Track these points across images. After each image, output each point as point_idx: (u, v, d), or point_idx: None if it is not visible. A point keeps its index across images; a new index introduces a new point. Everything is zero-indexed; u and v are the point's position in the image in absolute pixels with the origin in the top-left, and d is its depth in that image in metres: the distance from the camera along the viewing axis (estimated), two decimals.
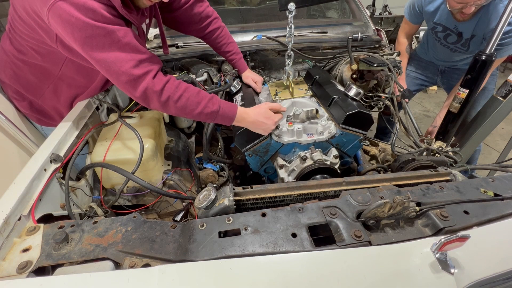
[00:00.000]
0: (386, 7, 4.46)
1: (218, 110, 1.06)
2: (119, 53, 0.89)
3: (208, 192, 0.87)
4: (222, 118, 1.09)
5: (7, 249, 0.71)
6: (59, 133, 1.02)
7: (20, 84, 1.20)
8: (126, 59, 0.90)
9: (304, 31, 1.85)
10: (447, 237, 0.60)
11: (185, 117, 1.10)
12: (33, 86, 1.19)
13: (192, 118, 1.08)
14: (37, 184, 0.86)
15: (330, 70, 1.86)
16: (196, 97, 1.03)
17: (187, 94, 1.02)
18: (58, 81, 1.16)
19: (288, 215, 0.76)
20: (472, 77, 1.73)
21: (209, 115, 1.06)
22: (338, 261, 0.64)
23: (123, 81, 0.93)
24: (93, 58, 0.89)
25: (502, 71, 5.01)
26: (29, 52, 1.08)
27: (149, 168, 1.13)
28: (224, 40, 1.49)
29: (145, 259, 0.68)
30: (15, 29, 1.04)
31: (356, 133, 1.28)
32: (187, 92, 1.02)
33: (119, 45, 0.90)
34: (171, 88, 0.99)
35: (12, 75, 1.18)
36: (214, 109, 1.05)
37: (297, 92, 1.55)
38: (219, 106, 1.07)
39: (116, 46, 0.89)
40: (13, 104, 1.31)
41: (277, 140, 1.26)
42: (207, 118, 1.08)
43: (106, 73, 0.93)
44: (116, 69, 0.90)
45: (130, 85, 0.94)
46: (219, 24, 1.46)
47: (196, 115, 1.05)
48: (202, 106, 1.04)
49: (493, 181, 0.90)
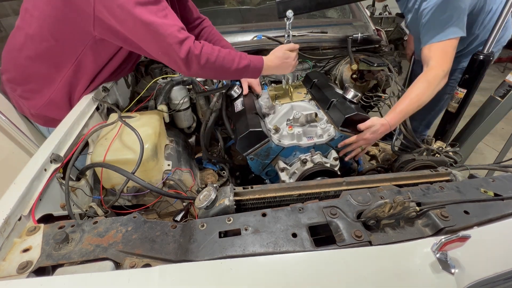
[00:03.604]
0: (386, 7, 4.47)
1: (249, 63, 1.18)
2: (165, 19, 1.00)
3: (209, 192, 0.87)
4: (252, 71, 1.21)
5: (7, 249, 0.70)
6: (59, 133, 1.02)
7: (32, 80, 1.20)
8: (171, 23, 1.01)
9: (304, 31, 1.85)
10: (447, 237, 0.60)
11: (220, 78, 1.30)
12: (45, 79, 1.20)
13: (227, 76, 1.24)
14: (37, 184, 0.86)
15: (330, 70, 1.86)
16: (229, 55, 1.14)
17: (222, 54, 1.12)
18: (72, 71, 1.18)
19: (289, 215, 0.76)
20: (469, 77, 1.73)
21: (242, 70, 1.17)
22: (338, 261, 0.64)
23: (169, 43, 1.01)
24: (143, 21, 0.97)
25: (502, 71, 5.01)
26: (48, 39, 1.09)
27: (149, 168, 1.13)
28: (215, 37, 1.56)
29: (146, 259, 0.68)
30: (33, 15, 1.07)
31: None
32: (221, 53, 1.12)
33: (165, 12, 1.01)
34: (207, 50, 1.08)
35: (23, 72, 1.18)
36: (247, 63, 1.17)
37: (296, 96, 1.55)
38: (249, 60, 1.19)
39: (163, 13, 1.01)
40: (17, 105, 1.31)
41: (278, 144, 1.26)
42: (240, 73, 1.20)
43: (152, 36, 1.01)
44: (163, 31, 0.99)
45: (176, 47, 1.01)
46: (208, 23, 1.56)
47: (233, 72, 1.16)
48: (237, 62, 1.15)
49: (493, 181, 0.90)
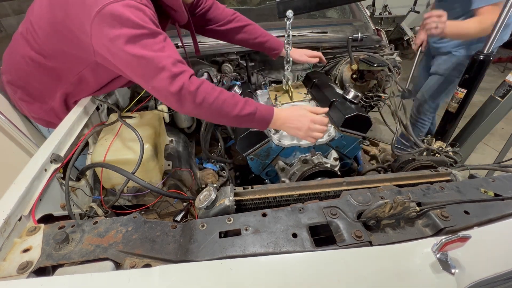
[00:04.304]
0: (386, 7, 4.48)
1: (255, 112, 1.03)
2: (160, 52, 0.92)
3: (209, 192, 0.87)
4: (258, 121, 1.06)
5: (7, 249, 0.70)
6: (59, 133, 1.02)
7: (33, 86, 1.18)
8: (165, 56, 0.92)
9: (304, 31, 1.85)
10: (447, 237, 0.60)
11: (220, 122, 1.09)
12: (47, 88, 1.18)
13: (228, 122, 1.07)
14: (38, 184, 0.86)
15: (330, 70, 1.86)
16: (232, 99, 1.01)
17: (223, 97, 0.99)
18: (72, 85, 1.16)
19: (289, 215, 0.76)
20: (470, 76, 1.73)
21: (245, 118, 1.02)
22: (338, 261, 0.64)
23: (161, 77, 0.92)
24: (134, 55, 0.89)
25: (502, 71, 5.01)
26: (50, 56, 1.07)
27: (149, 168, 1.13)
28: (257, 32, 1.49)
29: (146, 259, 0.68)
30: (37, 33, 1.03)
31: (355, 135, 1.29)
32: (223, 95, 0.99)
33: (161, 45, 0.93)
34: (206, 89, 0.97)
35: (25, 77, 1.16)
36: (251, 111, 1.02)
37: (297, 96, 1.55)
38: (255, 108, 1.04)
39: (158, 46, 0.92)
40: (17, 106, 1.31)
41: (278, 144, 1.26)
42: (243, 121, 1.04)
43: (143, 69, 0.93)
44: (155, 64, 0.91)
45: (167, 81, 0.92)
46: (242, 22, 1.47)
47: (233, 118, 1.02)
48: (239, 108, 1.00)
49: (493, 181, 0.90)
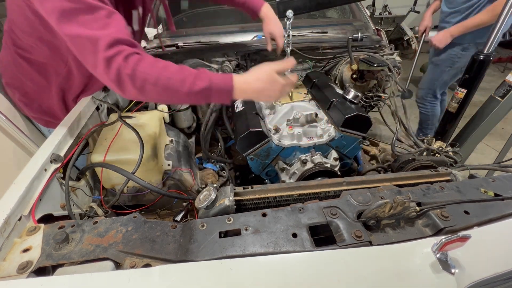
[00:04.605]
0: (386, 7, 4.48)
1: (210, 86, 0.87)
2: (98, 31, 0.80)
3: (209, 192, 0.87)
4: (217, 95, 0.90)
5: (7, 249, 0.70)
6: (59, 133, 1.02)
7: (28, 85, 1.18)
8: (103, 35, 0.80)
9: (304, 31, 1.85)
10: (447, 237, 0.60)
11: (173, 102, 0.93)
12: (41, 86, 1.17)
13: (181, 101, 0.92)
14: (38, 184, 0.86)
15: (330, 70, 1.86)
16: (179, 74, 0.85)
17: (167, 74, 0.84)
18: (64, 79, 1.13)
19: (289, 215, 0.76)
20: (470, 76, 1.73)
21: (200, 94, 0.87)
22: (338, 261, 0.64)
23: (98, 62, 0.82)
24: (68, 34, 0.81)
25: (502, 71, 5.01)
26: (32, 50, 1.05)
27: (149, 168, 1.13)
28: None
29: (146, 259, 0.68)
30: (16, 25, 1.01)
31: (355, 135, 1.29)
32: (166, 71, 0.84)
33: (101, 23, 0.81)
34: (145, 70, 0.82)
35: (19, 77, 1.16)
36: (205, 86, 0.86)
37: (297, 96, 1.55)
38: (209, 81, 0.87)
39: (98, 24, 0.81)
40: (18, 106, 1.31)
41: (278, 144, 1.26)
42: (199, 98, 0.90)
43: (79, 51, 0.84)
44: (90, 46, 0.80)
45: (103, 66, 0.81)
46: None
47: (185, 96, 0.87)
48: (189, 84, 0.85)
49: (493, 181, 0.90)
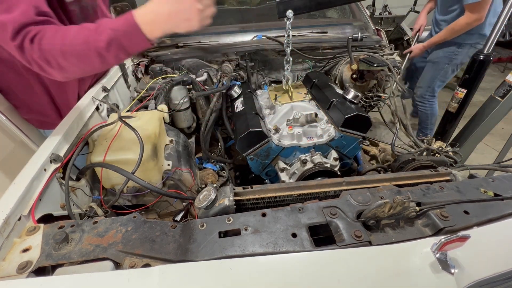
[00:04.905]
0: (386, 7, 4.47)
1: (113, 35, 0.78)
2: (4, 15, 0.77)
3: (208, 192, 0.87)
4: (128, 40, 0.79)
5: (7, 249, 0.70)
6: (59, 133, 1.02)
7: (11, 89, 1.16)
8: (9, 20, 0.77)
9: (304, 31, 1.85)
10: (447, 237, 0.60)
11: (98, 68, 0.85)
12: (23, 85, 1.14)
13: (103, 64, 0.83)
14: (37, 184, 0.86)
15: (330, 70, 1.86)
16: (79, 35, 0.78)
17: (68, 40, 0.78)
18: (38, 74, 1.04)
19: (288, 215, 0.76)
20: (470, 77, 1.73)
21: (112, 49, 0.79)
22: (338, 261, 0.64)
23: (11, 50, 0.80)
24: None
25: (502, 71, 5.01)
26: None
27: (149, 168, 1.13)
28: None
29: (145, 259, 0.68)
30: None
31: (355, 135, 1.29)
32: (67, 38, 0.78)
33: (6, 5, 0.78)
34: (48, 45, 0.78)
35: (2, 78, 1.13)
36: (108, 37, 0.77)
37: (297, 96, 1.55)
38: (110, 29, 0.77)
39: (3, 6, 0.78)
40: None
41: (278, 144, 1.27)
42: (116, 54, 0.81)
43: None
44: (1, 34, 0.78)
45: (17, 54, 0.80)
46: None
47: (99, 58, 0.80)
48: (94, 43, 0.77)
49: (493, 181, 0.90)
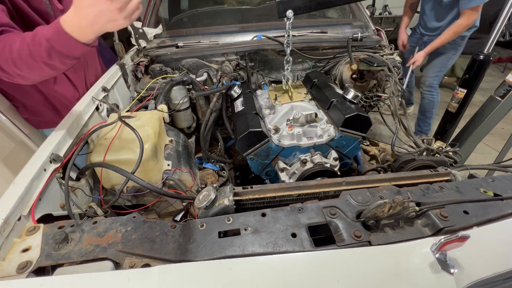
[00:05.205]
0: (386, 7, 4.48)
1: (50, 46, 0.81)
2: None
3: (208, 192, 0.87)
4: (64, 47, 0.81)
5: (7, 249, 0.71)
6: (59, 133, 1.02)
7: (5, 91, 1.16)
8: None
9: (304, 31, 1.85)
10: (447, 237, 0.60)
11: (52, 74, 0.92)
12: (15, 86, 1.14)
13: (52, 71, 0.88)
14: (37, 184, 0.86)
15: (330, 70, 1.86)
16: (24, 50, 0.82)
17: (15, 53, 0.82)
18: None
19: (288, 215, 0.76)
20: (470, 77, 1.74)
21: (54, 58, 0.83)
22: (338, 261, 0.64)
23: None
24: None
25: (502, 71, 5.00)
26: None
27: (149, 168, 1.13)
28: None
29: (145, 259, 0.68)
30: None
31: (355, 135, 1.29)
32: (13, 51, 0.82)
33: None
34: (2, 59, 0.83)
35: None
36: (46, 47, 0.80)
37: (296, 96, 1.55)
38: (46, 41, 0.80)
39: None
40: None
41: (278, 144, 1.27)
42: (60, 61, 0.84)
43: None
44: None
45: None
46: None
47: (48, 68, 0.85)
48: (37, 55, 0.81)
49: (493, 181, 0.90)
